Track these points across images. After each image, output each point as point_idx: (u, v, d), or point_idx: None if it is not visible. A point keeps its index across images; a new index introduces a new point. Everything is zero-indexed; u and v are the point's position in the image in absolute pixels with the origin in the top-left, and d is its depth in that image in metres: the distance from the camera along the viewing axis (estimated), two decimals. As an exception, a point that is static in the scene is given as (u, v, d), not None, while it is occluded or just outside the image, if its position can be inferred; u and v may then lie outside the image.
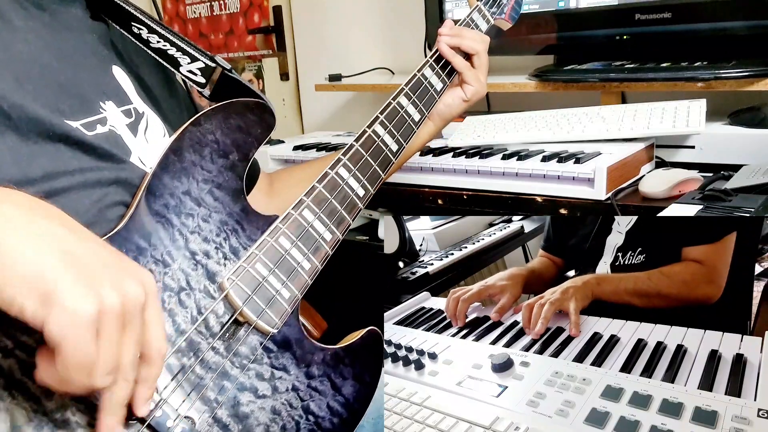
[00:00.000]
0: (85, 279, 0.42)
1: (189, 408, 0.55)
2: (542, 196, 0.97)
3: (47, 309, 0.40)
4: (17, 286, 0.40)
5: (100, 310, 0.42)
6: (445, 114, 0.90)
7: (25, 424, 0.45)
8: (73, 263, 0.42)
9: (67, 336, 0.40)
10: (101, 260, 0.44)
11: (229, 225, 0.63)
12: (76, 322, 0.40)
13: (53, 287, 0.40)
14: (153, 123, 0.69)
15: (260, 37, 2.07)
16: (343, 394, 0.67)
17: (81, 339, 0.41)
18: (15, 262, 0.40)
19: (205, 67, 0.72)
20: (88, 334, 0.41)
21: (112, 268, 0.44)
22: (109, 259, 0.45)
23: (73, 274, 0.41)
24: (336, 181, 0.70)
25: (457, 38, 0.86)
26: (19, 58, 0.58)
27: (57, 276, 0.41)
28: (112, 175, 0.60)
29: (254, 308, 0.60)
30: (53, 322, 0.40)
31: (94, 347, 0.42)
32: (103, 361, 0.43)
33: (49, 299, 0.40)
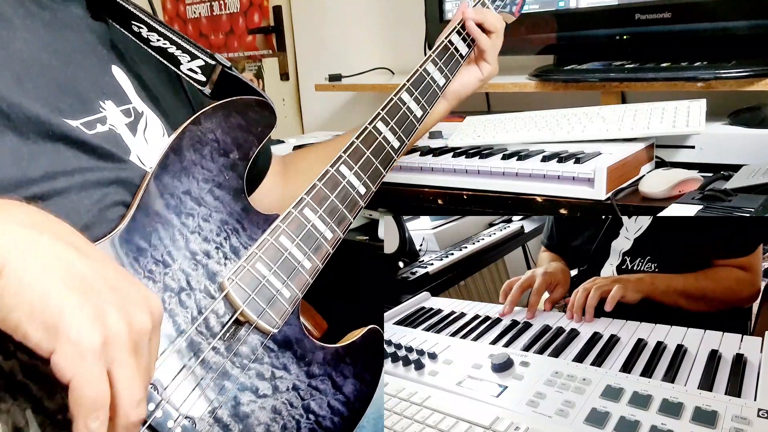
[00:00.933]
0: (90, 305, 0.40)
1: (190, 408, 0.55)
2: (542, 196, 0.97)
3: (52, 340, 0.39)
4: (22, 312, 0.39)
5: (106, 339, 0.40)
6: (461, 92, 0.94)
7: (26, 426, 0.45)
8: (79, 288, 0.41)
9: (75, 372, 0.39)
10: (109, 283, 0.43)
11: (230, 224, 0.63)
12: (83, 355, 0.39)
13: (58, 315, 0.39)
14: (152, 123, 0.69)
15: (260, 37, 2.07)
16: (344, 393, 0.67)
17: (90, 373, 0.39)
18: (20, 286, 0.39)
19: (205, 65, 0.71)
20: (97, 367, 0.40)
21: (120, 293, 0.43)
22: (116, 281, 0.44)
23: (78, 300, 0.40)
24: (337, 179, 0.70)
25: (482, 14, 0.91)
26: (19, 56, 0.58)
27: (62, 303, 0.39)
28: (112, 174, 0.60)
29: (255, 308, 0.60)
30: (59, 356, 0.39)
31: (104, 381, 0.40)
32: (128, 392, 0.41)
33: (54, 329, 0.39)
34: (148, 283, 0.56)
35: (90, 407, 0.40)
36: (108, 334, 0.40)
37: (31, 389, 0.46)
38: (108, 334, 0.40)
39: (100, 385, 0.40)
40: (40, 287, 0.40)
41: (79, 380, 0.39)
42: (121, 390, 0.41)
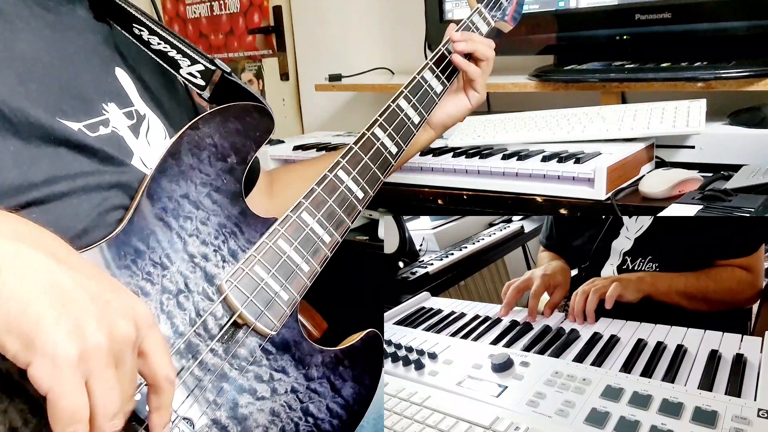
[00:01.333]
0: (68, 317, 0.40)
1: (188, 409, 0.55)
2: (542, 196, 0.97)
3: (29, 353, 0.39)
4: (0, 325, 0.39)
5: (83, 352, 0.40)
6: (447, 122, 0.91)
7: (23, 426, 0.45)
8: (58, 299, 0.40)
9: (52, 384, 0.39)
10: (89, 294, 0.42)
11: (228, 228, 0.63)
12: (60, 367, 0.39)
13: (35, 327, 0.39)
14: (154, 125, 0.69)
15: (260, 37, 2.07)
16: (343, 396, 0.67)
17: (67, 385, 0.39)
18: None
19: (204, 70, 0.72)
20: (73, 380, 0.39)
21: (100, 303, 0.42)
22: (98, 291, 0.43)
23: (56, 312, 0.40)
24: (335, 183, 0.70)
25: (471, 43, 0.85)
26: (22, 57, 0.58)
27: (39, 315, 0.39)
28: (113, 178, 0.60)
29: (253, 310, 0.60)
30: (36, 368, 0.39)
31: (81, 393, 0.40)
32: (102, 405, 0.41)
33: (31, 341, 0.39)
34: (146, 285, 0.56)
35: (67, 420, 0.39)
36: (84, 347, 0.40)
37: (28, 390, 0.45)
38: (84, 347, 0.40)
39: (77, 398, 0.40)
40: (17, 299, 0.39)
41: (56, 392, 0.39)
42: (96, 403, 0.41)
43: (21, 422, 0.45)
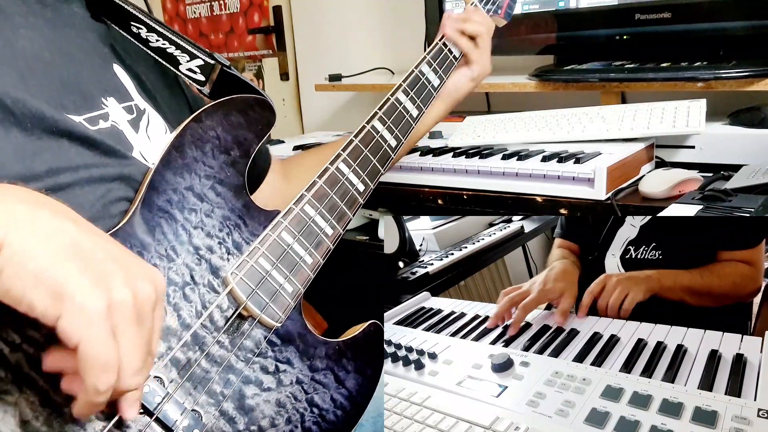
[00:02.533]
0: (94, 273, 0.41)
1: (195, 401, 0.56)
2: (542, 196, 0.97)
3: (58, 306, 0.39)
4: (26, 282, 0.39)
5: (111, 304, 0.41)
6: (454, 94, 0.93)
7: (33, 418, 0.45)
8: (81, 257, 0.41)
9: (83, 335, 0.39)
10: (111, 255, 0.43)
11: (232, 220, 0.63)
12: (90, 318, 0.40)
13: (63, 281, 0.40)
14: (154, 120, 0.69)
15: (260, 37, 2.08)
16: (347, 387, 0.67)
17: (98, 335, 0.40)
18: (23, 258, 0.39)
19: (204, 65, 0.72)
20: (103, 330, 0.40)
21: (122, 264, 0.43)
22: (118, 254, 0.44)
23: (81, 267, 0.41)
24: (336, 176, 0.70)
25: (462, 23, 0.91)
26: (22, 54, 0.58)
27: (66, 270, 0.40)
28: (115, 170, 0.60)
29: (258, 302, 0.60)
30: (66, 321, 0.39)
31: (112, 343, 0.41)
32: (127, 360, 0.42)
33: (59, 294, 0.39)
34: None
35: (100, 369, 0.40)
36: (112, 300, 0.41)
37: (38, 382, 0.46)
38: (112, 300, 0.41)
39: (108, 347, 0.40)
40: (42, 256, 0.40)
41: (87, 341, 0.40)
42: (120, 358, 0.41)
43: (31, 414, 0.45)
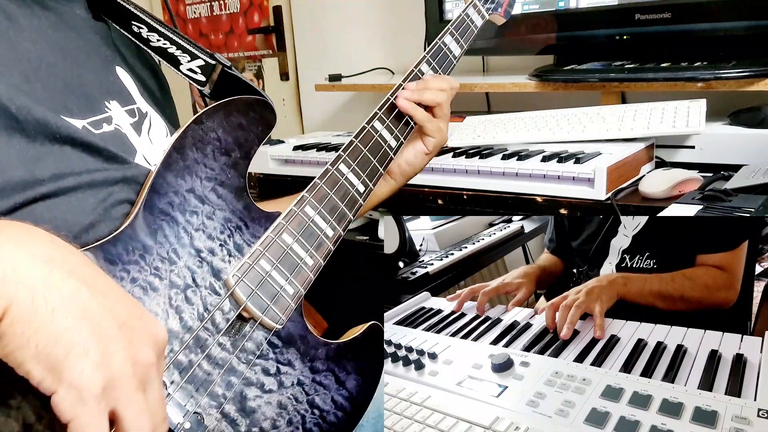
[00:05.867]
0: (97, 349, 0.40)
1: (197, 403, 0.56)
2: (542, 196, 0.97)
3: (55, 381, 0.39)
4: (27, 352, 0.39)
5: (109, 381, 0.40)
6: (408, 172, 0.85)
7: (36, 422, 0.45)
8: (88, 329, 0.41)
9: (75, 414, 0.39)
10: (117, 321, 0.43)
11: (233, 222, 0.63)
12: (84, 398, 0.39)
13: (63, 359, 0.39)
14: (156, 123, 0.69)
15: (260, 37, 2.08)
16: (347, 388, 0.67)
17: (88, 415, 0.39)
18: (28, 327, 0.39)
19: (205, 65, 0.72)
20: (95, 410, 0.40)
21: (127, 330, 0.43)
22: (125, 318, 0.44)
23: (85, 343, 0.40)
24: (336, 177, 0.70)
25: (418, 93, 0.80)
26: (27, 57, 0.58)
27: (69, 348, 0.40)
28: (118, 174, 0.60)
29: (259, 304, 0.60)
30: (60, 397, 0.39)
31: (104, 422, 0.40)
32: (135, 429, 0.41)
33: (59, 373, 0.39)
34: (155, 280, 0.56)
35: None
36: (111, 377, 0.41)
37: None
38: (111, 377, 0.41)
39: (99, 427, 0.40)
40: (48, 329, 0.39)
41: (78, 423, 0.39)
42: (128, 427, 0.41)
43: (35, 418, 0.45)
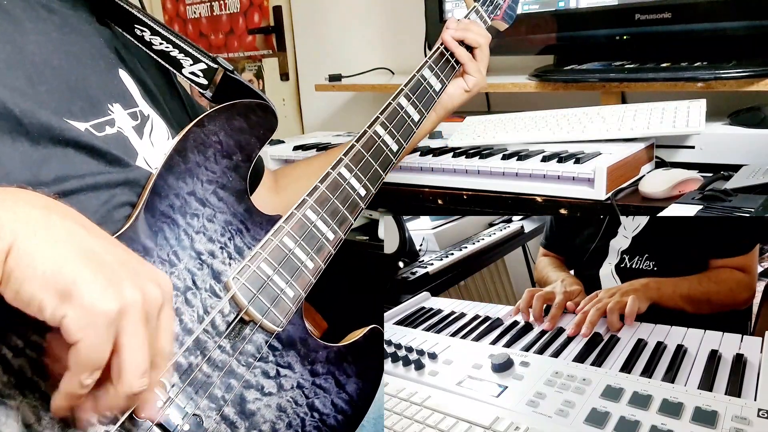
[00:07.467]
0: (105, 276, 0.41)
1: (197, 406, 0.56)
2: (542, 196, 0.97)
3: (65, 305, 0.40)
4: (36, 284, 0.39)
5: (122, 307, 0.41)
6: (447, 104, 0.92)
7: (36, 422, 0.45)
8: (92, 260, 0.42)
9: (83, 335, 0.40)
10: (119, 259, 0.44)
11: (234, 225, 0.63)
12: (96, 320, 0.40)
13: (72, 283, 0.40)
14: (158, 126, 0.69)
15: (260, 37, 2.07)
16: (347, 392, 0.67)
17: (96, 337, 0.40)
18: (34, 260, 0.40)
19: (207, 69, 0.72)
20: (103, 333, 0.40)
21: (131, 267, 0.44)
22: (126, 258, 0.45)
23: (92, 270, 0.41)
24: (338, 181, 0.70)
25: (462, 31, 0.90)
26: (31, 59, 0.58)
27: (76, 272, 0.40)
28: (120, 176, 0.60)
29: (259, 307, 0.61)
30: (70, 318, 0.39)
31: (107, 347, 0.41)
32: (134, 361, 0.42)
33: (69, 296, 0.40)
34: None
35: (89, 367, 0.41)
36: (124, 303, 0.41)
37: (41, 386, 0.46)
38: (124, 303, 0.41)
39: (103, 351, 0.41)
40: (52, 258, 0.40)
41: (85, 343, 0.40)
42: (128, 359, 0.42)
43: (34, 418, 0.45)
